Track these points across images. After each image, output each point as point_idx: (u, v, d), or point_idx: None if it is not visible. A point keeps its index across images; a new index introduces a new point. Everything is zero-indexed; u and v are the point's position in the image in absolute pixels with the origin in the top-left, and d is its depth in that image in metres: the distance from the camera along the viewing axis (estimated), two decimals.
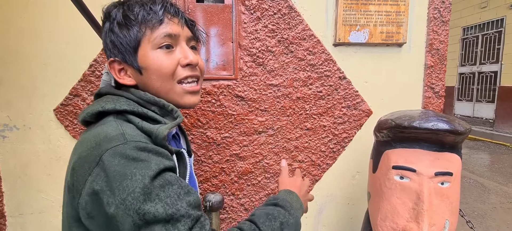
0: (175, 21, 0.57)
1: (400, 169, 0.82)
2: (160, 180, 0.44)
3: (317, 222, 1.25)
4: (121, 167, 0.43)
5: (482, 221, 2.80)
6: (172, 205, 0.43)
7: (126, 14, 0.55)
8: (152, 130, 0.50)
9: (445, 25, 1.17)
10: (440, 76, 1.20)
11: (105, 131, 0.47)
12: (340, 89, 1.17)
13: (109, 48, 0.57)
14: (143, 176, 0.42)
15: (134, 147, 0.45)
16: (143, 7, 0.55)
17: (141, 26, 0.54)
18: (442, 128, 0.74)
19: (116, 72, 0.57)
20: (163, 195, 0.43)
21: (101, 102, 0.53)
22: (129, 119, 0.51)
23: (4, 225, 1.11)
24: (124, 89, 0.58)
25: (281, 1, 1.11)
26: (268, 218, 0.55)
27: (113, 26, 0.55)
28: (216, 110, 1.13)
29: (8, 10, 1.02)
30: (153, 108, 0.56)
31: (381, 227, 0.86)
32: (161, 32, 0.55)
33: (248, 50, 1.11)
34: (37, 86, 1.06)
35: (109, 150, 0.44)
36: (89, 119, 0.54)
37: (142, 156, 0.44)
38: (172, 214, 0.42)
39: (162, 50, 0.56)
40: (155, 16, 0.55)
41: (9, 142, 1.07)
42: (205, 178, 1.16)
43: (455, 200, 0.81)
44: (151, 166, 0.44)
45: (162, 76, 0.56)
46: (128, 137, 0.46)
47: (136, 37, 0.54)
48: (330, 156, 1.21)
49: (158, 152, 0.47)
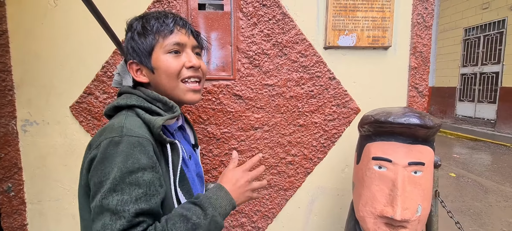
0: (183, 31, 0.70)
1: (379, 160, 0.91)
2: (132, 179, 0.53)
3: (309, 212, 1.35)
4: (109, 153, 0.54)
5: (477, 218, 2.87)
6: (124, 204, 0.52)
7: (144, 25, 0.67)
8: (151, 120, 0.61)
9: (428, 29, 1.26)
10: (423, 77, 1.29)
11: (112, 123, 0.60)
12: (330, 89, 1.27)
13: (130, 52, 0.69)
14: (119, 169, 0.53)
15: (125, 142, 0.55)
16: (157, 20, 0.68)
17: (155, 35, 0.67)
18: (413, 122, 0.84)
19: (134, 72, 0.70)
20: (125, 192, 0.52)
21: (118, 99, 0.67)
22: (136, 112, 0.63)
23: (24, 211, 1.23)
24: (137, 88, 0.70)
25: (276, 8, 1.21)
26: (180, 219, 0.56)
27: (134, 35, 0.68)
28: (216, 108, 1.23)
29: (29, 17, 1.13)
30: (157, 104, 0.67)
31: (362, 212, 0.95)
32: (171, 41, 0.67)
33: (245, 53, 1.22)
34: (55, 85, 1.17)
35: (108, 139, 0.56)
36: (109, 113, 0.67)
37: (127, 151, 0.54)
38: (119, 210, 0.51)
39: (171, 54, 0.68)
40: (167, 28, 0.67)
41: (30, 136, 1.19)
42: (206, 170, 1.26)
43: (427, 187, 0.90)
44: (128, 163, 0.54)
45: (169, 75, 0.68)
46: (125, 130, 0.57)
47: (151, 44, 0.67)
48: (321, 150, 1.31)
49: (143, 151, 0.56)
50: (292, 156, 1.30)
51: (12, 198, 1.21)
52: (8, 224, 1.22)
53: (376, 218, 0.91)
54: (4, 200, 1.20)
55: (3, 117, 1.16)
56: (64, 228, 1.25)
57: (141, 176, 0.54)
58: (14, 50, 1.14)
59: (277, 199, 1.32)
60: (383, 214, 0.88)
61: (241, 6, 1.19)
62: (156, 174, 0.58)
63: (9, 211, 1.21)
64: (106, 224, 0.51)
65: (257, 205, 1.31)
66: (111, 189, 0.52)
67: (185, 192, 0.67)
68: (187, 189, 0.68)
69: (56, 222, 1.24)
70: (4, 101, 1.15)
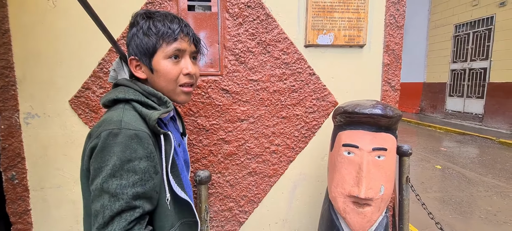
0: (186, 39, 0.74)
1: (347, 146, 1.03)
2: (129, 166, 0.60)
3: (292, 197, 1.47)
4: (109, 143, 0.60)
5: (458, 207, 3.03)
6: (123, 187, 0.59)
7: (150, 27, 0.71)
8: (147, 114, 0.67)
9: (400, 29, 1.38)
10: (396, 73, 1.41)
11: (111, 116, 0.65)
12: (310, 84, 1.38)
13: (132, 48, 0.73)
14: (118, 157, 0.59)
15: (123, 134, 0.61)
16: (164, 25, 0.71)
17: (159, 39, 0.71)
18: (375, 112, 0.96)
19: (133, 67, 0.74)
20: (124, 177, 0.59)
21: (116, 91, 0.71)
22: (133, 105, 0.69)
23: (28, 197, 1.33)
24: (134, 82, 0.75)
25: (260, 9, 1.31)
26: None
27: (139, 33, 0.71)
28: (205, 102, 1.34)
29: (29, 17, 1.21)
30: (152, 98, 0.73)
31: (334, 193, 1.07)
32: (173, 47, 0.72)
33: (231, 50, 1.32)
34: (55, 81, 1.26)
35: (107, 130, 0.61)
36: (107, 104, 0.72)
37: (125, 142, 0.60)
38: (118, 193, 0.58)
39: (171, 59, 0.73)
40: (172, 35, 0.71)
41: (32, 128, 1.28)
42: (196, 159, 1.37)
43: (389, 170, 1.02)
44: (126, 153, 0.60)
45: (168, 80, 0.74)
46: (123, 124, 0.62)
47: (154, 46, 0.71)
48: (302, 140, 1.42)
49: (139, 142, 0.62)
50: (275, 146, 1.41)
51: (16, 185, 1.30)
52: (13, 209, 1.31)
53: (345, 197, 1.03)
54: (9, 187, 1.30)
55: (7, 110, 1.25)
56: (65, 213, 1.35)
57: (137, 164, 0.61)
58: (16, 48, 1.22)
59: (262, 185, 1.43)
60: (350, 193, 1.00)
61: (228, 7, 1.29)
62: (151, 162, 0.63)
63: (14, 197, 1.31)
64: (105, 205, 0.58)
65: (243, 191, 1.43)
66: (111, 174, 0.59)
67: (175, 176, 0.74)
68: (177, 174, 0.76)
69: (57, 207, 1.34)
70: (7, 96, 1.24)
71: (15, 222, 1.31)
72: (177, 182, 0.75)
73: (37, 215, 1.33)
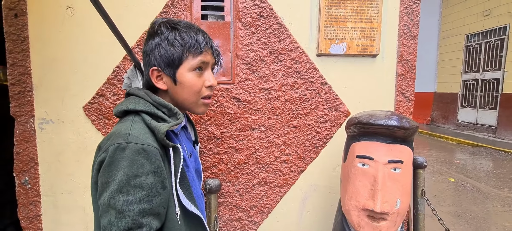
0: (209, 52, 0.75)
1: (362, 158, 1.01)
2: (136, 181, 0.59)
3: (302, 208, 1.44)
4: (116, 157, 0.60)
5: (473, 222, 2.92)
6: (129, 204, 0.57)
7: (177, 38, 0.70)
8: (156, 127, 0.65)
9: (414, 39, 1.36)
10: (410, 83, 1.38)
11: (120, 129, 0.64)
12: (322, 93, 1.37)
13: (155, 58, 0.71)
14: (125, 173, 0.58)
15: (131, 148, 0.60)
16: (190, 37, 0.71)
17: (186, 51, 0.71)
18: (391, 124, 0.93)
19: (154, 77, 0.73)
20: (130, 193, 0.58)
21: (127, 102, 0.71)
22: (143, 117, 0.68)
23: (39, 202, 1.34)
24: (146, 92, 0.73)
25: (272, 19, 1.32)
26: None
27: (163, 43, 0.70)
28: (216, 110, 1.34)
29: (48, 25, 1.25)
30: (163, 109, 0.71)
31: (348, 206, 1.04)
32: (199, 60, 0.72)
33: (244, 59, 1.32)
34: (70, 87, 1.28)
35: (115, 144, 0.60)
36: (118, 115, 0.72)
37: (132, 157, 0.59)
38: (124, 210, 0.57)
39: (195, 72, 0.73)
40: (198, 47, 0.71)
41: (46, 133, 1.30)
42: (206, 167, 1.36)
43: (405, 183, 0.99)
44: (133, 168, 0.59)
45: (193, 92, 0.74)
46: (131, 137, 0.61)
47: (180, 58, 0.71)
48: (314, 150, 1.40)
49: (146, 157, 0.61)
50: (286, 155, 1.39)
51: (28, 190, 1.32)
52: (24, 214, 1.32)
53: (359, 211, 1.00)
54: (21, 192, 1.31)
55: (22, 116, 1.27)
56: (75, 219, 1.35)
57: (144, 179, 0.59)
58: (34, 55, 1.25)
59: (272, 196, 1.41)
60: (365, 207, 0.97)
61: (241, 17, 1.30)
62: (158, 177, 0.62)
63: (25, 202, 1.32)
64: (112, 222, 0.57)
65: (253, 200, 1.40)
66: (117, 190, 0.58)
67: (184, 190, 0.72)
68: (187, 187, 0.73)
69: (67, 213, 1.35)
70: (24, 101, 1.27)
71: (25, 227, 1.32)
72: (187, 195, 0.73)
73: (47, 221, 1.34)
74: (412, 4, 1.35)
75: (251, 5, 1.30)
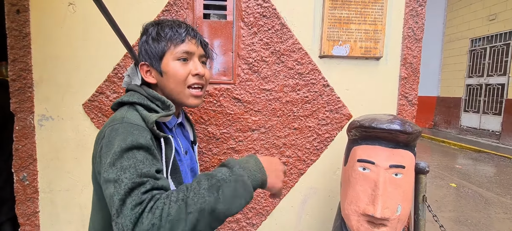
0: (193, 42, 0.76)
1: (363, 162, 0.99)
2: (130, 153, 0.57)
3: (302, 211, 1.42)
4: (112, 136, 0.61)
5: (474, 229, 2.89)
6: (125, 169, 0.55)
7: (159, 32, 0.74)
8: (146, 116, 0.67)
9: (418, 42, 1.34)
10: (413, 86, 1.36)
11: (115, 116, 0.68)
12: (324, 95, 1.35)
13: (142, 54, 0.76)
14: (119, 145, 0.58)
15: (125, 124, 0.62)
16: (171, 29, 0.74)
17: (167, 42, 0.74)
18: (394, 128, 0.92)
19: (144, 72, 0.77)
20: (124, 160, 0.56)
21: (124, 96, 0.75)
22: (136, 108, 0.70)
23: (37, 199, 1.33)
24: (142, 87, 0.76)
25: (275, 19, 1.30)
26: (205, 177, 0.56)
27: (148, 39, 0.75)
28: (216, 110, 1.33)
29: (50, 22, 1.24)
30: (156, 102, 0.74)
31: (347, 210, 1.02)
32: (181, 49, 0.74)
33: (245, 59, 1.31)
34: (70, 84, 1.28)
35: (111, 126, 0.63)
36: (115, 107, 0.76)
37: (127, 129, 0.61)
38: (119, 176, 0.54)
39: (179, 61, 0.74)
40: (179, 37, 0.74)
41: (45, 130, 1.29)
42: (205, 168, 1.35)
43: (407, 189, 0.97)
44: (127, 140, 0.59)
45: (177, 80, 0.75)
46: (126, 119, 0.64)
47: (163, 49, 0.74)
48: (314, 153, 1.39)
49: (139, 130, 0.62)
50: (286, 157, 1.38)
51: (26, 186, 1.31)
52: (22, 210, 1.32)
53: (359, 216, 0.98)
54: (19, 188, 1.31)
55: (22, 112, 1.27)
56: (72, 216, 1.35)
57: (138, 151, 0.58)
58: (35, 51, 1.25)
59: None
60: (365, 212, 0.95)
61: (243, 17, 1.28)
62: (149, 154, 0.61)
63: (23, 198, 1.32)
64: (113, 193, 0.53)
65: (252, 202, 1.39)
66: (111, 163, 0.56)
67: (176, 182, 0.72)
68: (179, 180, 0.73)
69: (65, 210, 1.34)
70: (24, 98, 1.26)
71: (23, 224, 1.31)
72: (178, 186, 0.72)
73: (45, 218, 1.33)
74: (417, 6, 1.33)
75: (254, 4, 1.28)
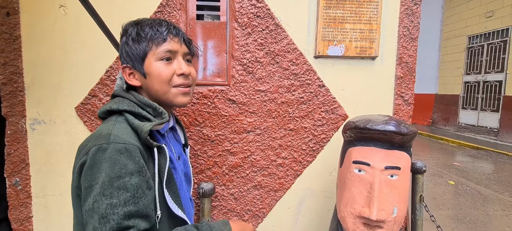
0: (176, 40, 0.73)
1: (358, 164, 0.98)
2: (119, 183, 0.56)
3: (298, 213, 1.41)
4: (97, 159, 0.57)
5: (473, 227, 2.89)
6: (113, 207, 0.55)
7: (139, 32, 0.71)
8: (139, 126, 0.64)
9: (414, 41, 1.32)
10: (409, 86, 1.35)
11: (101, 129, 0.63)
12: (319, 96, 1.34)
13: (124, 57, 0.73)
14: (107, 174, 0.56)
15: (112, 148, 0.58)
16: (152, 28, 0.71)
17: (148, 42, 0.70)
18: (389, 129, 0.90)
19: (126, 75, 0.74)
20: (114, 196, 0.55)
21: (111, 103, 0.70)
22: (126, 117, 0.67)
23: (30, 204, 1.31)
24: (130, 92, 0.74)
25: (269, 19, 1.29)
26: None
27: (128, 40, 0.72)
28: (211, 112, 1.31)
29: (41, 24, 1.22)
30: (148, 109, 0.71)
31: (343, 213, 1.01)
32: (163, 48, 0.71)
33: (239, 60, 1.30)
34: (62, 87, 1.26)
35: (96, 146, 0.59)
36: (102, 115, 0.72)
37: (114, 157, 0.57)
38: (108, 213, 0.54)
39: (162, 61, 0.71)
40: (160, 36, 0.71)
41: (37, 134, 1.28)
42: (200, 170, 1.34)
43: (403, 190, 0.96)
44: (115, 169, 0.56)
45: (161, 81, 0.71)
46: (112, 137, 0.60)
47: (144, 50, 0.70)
48: (310, 154, 1.37)
49: (129, 156, 0.59)
50: (282, 159, 1.37)
51: (19, 191, 1.30)
52: (15, 216, 1.30)
53: (355, 218, 0.97)
54: (12, 193, 1.29)
55: (14, 116, 1.25)
56: (66, 221, 1.33)
57: (128, 180, 0.57)
58: (26, 54, 1.23)
59: (267, 200, 1.38)
60: (361, 214, 0.94)
61: (237, 17, 1.27)
62: (143, 177, 0.60)
63: (16, 203, 1.30)
64: (96, 228, 0.54)
65: (248, 204, 1.38)
66: (100, 193, 0.55)
67: (171, 193, 0.70)
68: (174, 190, 0.71)
69: (58, 215, 1.32)
70: (15, 101, 1.24)
71: (16, 229, 1.30)
72: (174, 198, 0.70)
73: (38, 223, 1.31)
74: (412, 5, 1.32)
75: (247, 5, 1.27)
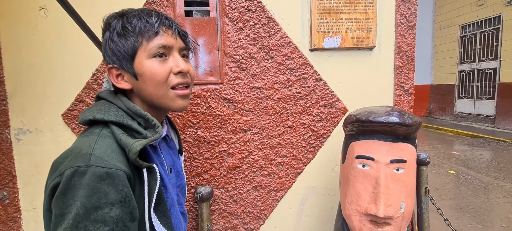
0: (169, 33, 0.62)
1: (362, 158, 0.93)
2: (97, 215, 0.48)
3: (301, 212, 1.36)
4: (73, 184, 0.48)
5: (476, 215, 2.87)
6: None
7: (125, 25, 0.59)
8: (128, 144, 0.54)
9: (412, 29, 1.28)
10: (409, 75, 1.31)
11: (81, 145, 0.53)
12: (317, 90, 1.29)
13: (109, 55, 0.61)
14: (82, 204, 0.47)
15: (91, 173, 0.49)
16: (140, 20, 0.60)
17: (138, 37, 0.59)
18: (392, 120, 0.86)
19: (114, 77, 0.62)
20: (89, 230, 0.47)
21: (95, 109, 0.59)
22: (113, 130, 0.57)
23: (20, 218, 1.25)
24: (119, 96, 0.63)
25: (261, 13, 1.23)
26: None
27: (113, 36, 0.60)
28: (205, 112, 1.26)
29: (21, 28, 1.16)
30: (138, 119, 0.61)
31: (348, 210, 0.97)
32: (156, 43, 0.60)
33: (232, 57, 1.24)
34: (47, 94, 1.20)
35: (73, 168, 0.49)
36: (84, 123, 0.60)
37: (93, 185, 0.48)
38: None
39: (156, 59, 0.60)
40: (151, 28, 0.60)
41: (23, 144, 1.21)
42: (196, 173, 1.28)
43: (410, 184, 0.92)
44: (93, 198, 0.48)
45: (156, 82, 0.61)
46: (93, 159, 0.50)
47: (134, 47, 0.59)
48: (311, 150, 1.33)
49: (111, 184, 0.50)
50: (281, 157, 1.32)
51: (7, 206, 1.23)
52: None
53: (361, 215, 0.93)
54: (0, 208, 1.22)
55: None
56: None
57: (108, 212, 0.49)
58: (6, 61, 1.17)
59: (269, 200, 1.33)
60: (367, 211, 0.90)
61: (227, 12, 1.21)
62: (126, 208, 0.51)
63: (5, 219, 1.23)
64: None
65: (249, 206, 1.33)
66: (73, 225, 0.47)
67: (160, 215, 0.61)
68: (163, 212, 0.62)
69: None
70: None
71: None
72: (164, 222, 0.61)
73: None
74: None
75: None
